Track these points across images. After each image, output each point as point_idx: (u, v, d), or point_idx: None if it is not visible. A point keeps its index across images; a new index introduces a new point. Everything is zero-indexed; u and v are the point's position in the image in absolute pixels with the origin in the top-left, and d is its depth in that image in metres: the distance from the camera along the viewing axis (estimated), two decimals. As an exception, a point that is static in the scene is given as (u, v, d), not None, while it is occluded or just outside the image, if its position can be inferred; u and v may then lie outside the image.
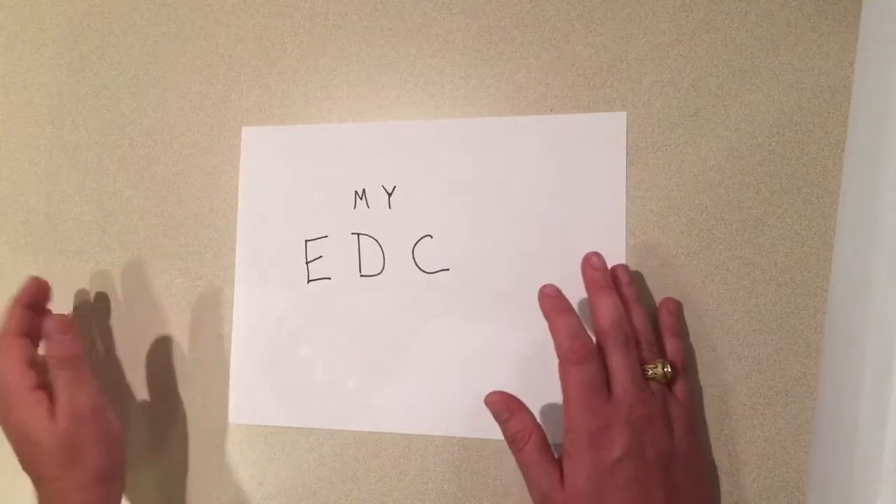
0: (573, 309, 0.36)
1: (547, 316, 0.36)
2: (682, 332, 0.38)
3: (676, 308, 0.39)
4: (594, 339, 0.35)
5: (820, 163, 0.38)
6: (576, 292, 0.38)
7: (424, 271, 0.42)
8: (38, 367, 0.40)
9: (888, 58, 0.32)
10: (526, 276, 0.41)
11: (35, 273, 0.44)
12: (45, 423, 0.38)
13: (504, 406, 0.36)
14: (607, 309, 0.35)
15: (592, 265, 0.38)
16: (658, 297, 0.39)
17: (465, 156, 0.42)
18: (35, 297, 0.42)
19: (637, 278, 0.40)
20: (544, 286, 0.37)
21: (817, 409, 0.37)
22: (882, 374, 0.29)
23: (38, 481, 0.39)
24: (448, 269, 0.42)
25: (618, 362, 0.34)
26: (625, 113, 0.40)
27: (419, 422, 0.42)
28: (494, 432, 0.37)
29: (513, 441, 0.35)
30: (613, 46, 0.41)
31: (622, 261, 0.40)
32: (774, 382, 0.38)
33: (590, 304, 0.36)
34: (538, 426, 0.35)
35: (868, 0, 0.37)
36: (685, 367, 0.37)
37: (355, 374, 0.43)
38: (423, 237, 0.43)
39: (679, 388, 0.36)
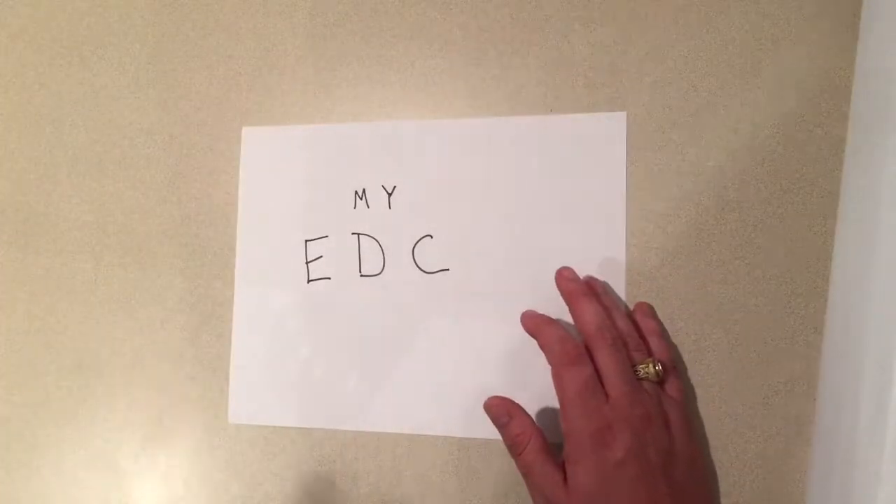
0: (557, 321, 0.37)
1: (532, 332, 0.37)
2: (662, 331, 0.39)
3: (650, 310, 0.39)
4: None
5: (820, 163, 0.38)
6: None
7: (424, 271, 0.42)
8: None
9: (888, 58, 0.32)
10: (526, 276, 0.41)
11: (35, 273, 0.44)
12: None
13: (503, 410, 0.36)
14: (589, 313, 0.35)
15: (566, 277, 0.38)
16: (658, 298, 0.39)
17: (464, 156, 0.42)
18: None
19: (637, 278, 0.40)
20: (524, 312, 0.39)
21: (817, 409, 0.37)
22: (882, 374, 0.29)
23: None
24: (448, 269, 0.42)
25: (609, 363, 0.34)
26: (625, 113, 0.40)
27: (419, 422, 0.42)
28: (494, 432, 0.37)
29: (513, 445, 0.35)
30: (613, 46, 0.41)
31: (622, 260, 0.40)
32: (774, 382, 0.38)
33: (571, 313, 0.37)
34: (538, 429, 0.35)
35: (868, 0, 0.37)
36: (674, 365, 0.37)
37: (355, 374, 0.43)
38: (423, 237, 0.43)
39: (671, 386, 0.36)
